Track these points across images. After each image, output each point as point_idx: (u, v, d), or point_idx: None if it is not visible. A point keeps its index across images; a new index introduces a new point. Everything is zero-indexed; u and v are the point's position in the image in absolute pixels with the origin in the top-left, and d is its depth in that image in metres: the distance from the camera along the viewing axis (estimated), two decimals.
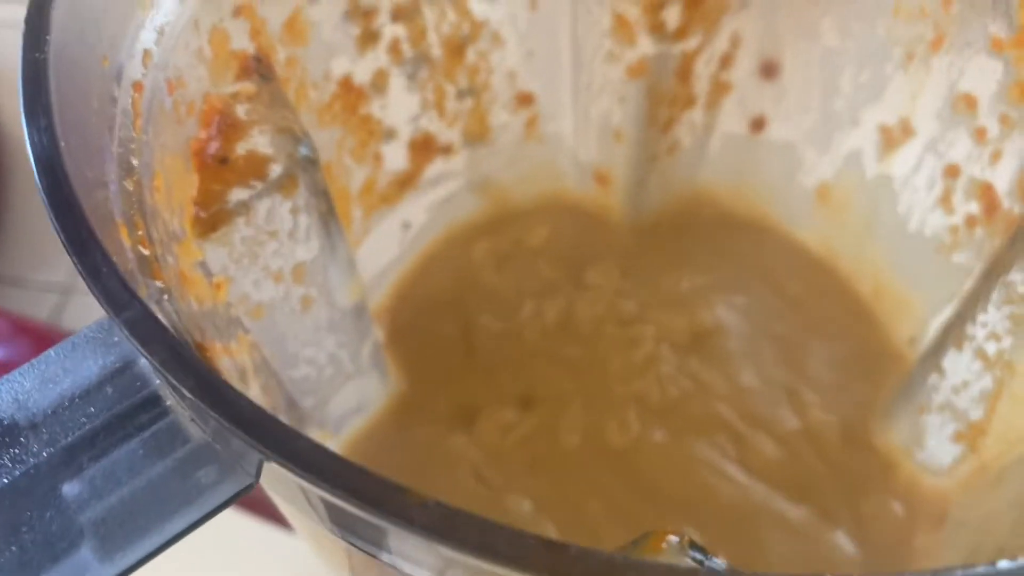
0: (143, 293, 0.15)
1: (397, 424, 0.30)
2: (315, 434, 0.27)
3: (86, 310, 0.41)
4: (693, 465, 0.30)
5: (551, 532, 0.29)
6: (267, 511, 0.30)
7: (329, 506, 0.14)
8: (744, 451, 0.30)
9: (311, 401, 0.27)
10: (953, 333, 0.27)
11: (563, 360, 0.32)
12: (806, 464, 0.30)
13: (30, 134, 0.15)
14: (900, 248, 0.31)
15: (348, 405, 0.29)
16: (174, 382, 0.12)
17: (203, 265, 0.20)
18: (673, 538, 0.15)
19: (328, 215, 0.24)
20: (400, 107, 0.29)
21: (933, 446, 0.28)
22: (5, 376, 0.15)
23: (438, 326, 0.32)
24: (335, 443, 0.29)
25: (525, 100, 0.31)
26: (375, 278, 0.32)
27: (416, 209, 0.32)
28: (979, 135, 0.27)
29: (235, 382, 0.20)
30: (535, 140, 0.33)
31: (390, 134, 0.29)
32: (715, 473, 0.30)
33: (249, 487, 0.14)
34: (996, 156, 0.26)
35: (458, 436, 0.30)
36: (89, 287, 0.14)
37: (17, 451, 0.14)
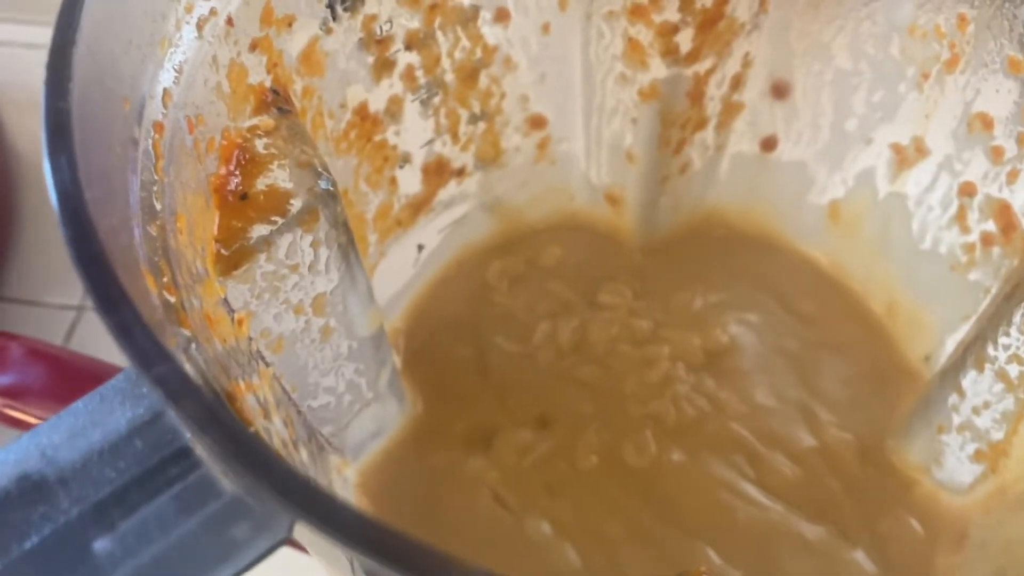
0: (171, 343, 0.15)
1: (414, 448, 0.30)
2: (334, 461, 0.27)
3: (99, 329, 0.41)
4: (711, 485, 0.30)
5: (571, 554, 0.29)
6: None
7: (362, 560, 0.14)
8: (761, 470, 0.30)
9: (330, 429, 0.27)
10: (973, 354, 0.27)
11: (578, 381, 0.32)
12: (823, 483, 0.30)
13: (56, 186, 0.15)
14: (914, 266, 0.31)
15: (366, 431, 0.29)
16: (208, 442, 0.12)
17: (225, 302, 0.20)
18: None
19: (348, 246, 0.24)
20: (414, 132, 0.29)
21: (952, 465, 0.28)
22: (32, 430, 0.15)
23: (453, 348, 0.32)
24: (353, 469, 0.29)
25: (537, 123, 0.31)
26: (389, 301, 0.32)
27: (430, 232, 0.32)
28: (995, 154, 0.27)
29: (259, 418, 0.20)
30: (547, 162, 0.33)
31: (405, 159, 0.29)
32: (733, 493, 0.30)
33: (282, 541, 0.14)
34: (1014, 176, 0.26)
35: (475, 459, 0.30)
36: (118, 344, 0.14)
37: (47, 508, 0.14)
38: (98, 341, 0.41)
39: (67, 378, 0.33)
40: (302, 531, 0.14)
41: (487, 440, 0.31)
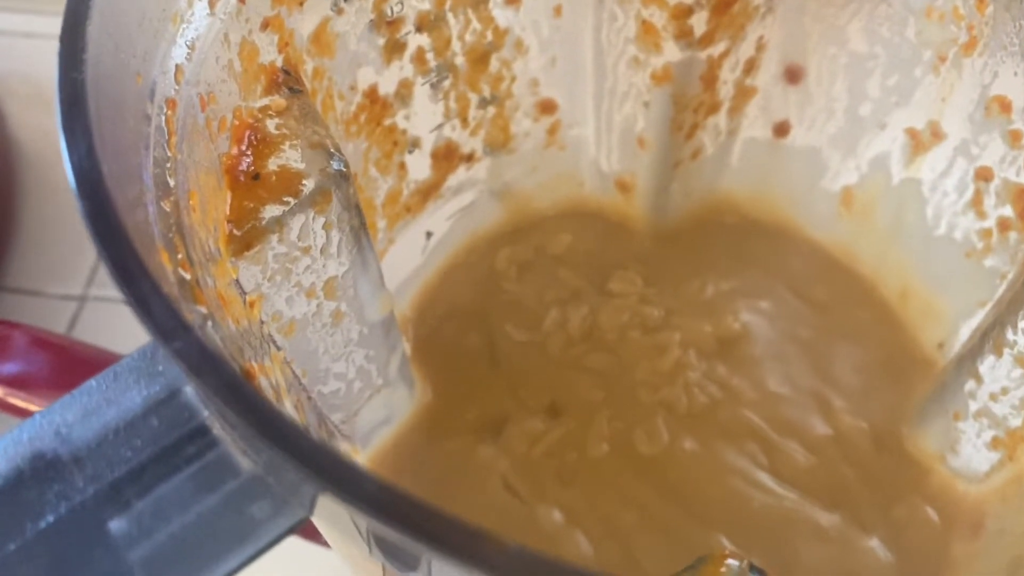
0: (188, 319, 0.15)
1: (424, 436, 0.30)
2: (343, 448, 0.27)
3: (101, 318, 0.41)
4: (724, 473, 0.30)
5: (583, 543, 0.28)
6: None
7: (380, 538, 0.14)
8: (775, 458, 0.30)
9: (340, 416, 0.26)
10: (991, 339, 0.26)
11: (589, 368, 0.31)
12: (837, 470, 0.30)
13: (71, 158, 0.14)
14: (928, 252, 0.31)
15: (376, 418, 0.28)
16: (230, 415, 0.12)
17: (236, 284, 0.20)
18: (733, 562, 0.15)
19: (359, 229, 0.23)
20: (424, 117, 0.28)
21: (968, 452, 0.28)
22: (45, 409, 0.15)
23: (462, 336, 0.32)
24: (363, 456, 0.28)
25: (547, 107, 0.31)
26: (398, 288, 0.32)
27: (438, 218, 0.32)
28: (1013, 138, 0.26)
29: (272, 401, 0.19)
30: (557, 147, 0.32)
31: (414, 144, 0.29)
32: (746, 481, 0.29)
33: (302, 521, 0.14)
34: None
35: (486, 447, 0.30)
36: (138, 317, 0.13)
37: (61, 487, 0.14)
38: (101, 332, 0.40)
39: (71, 367, 0.32)
40: (323, 508, 0.14)
41: (497, 428, 0.30)
